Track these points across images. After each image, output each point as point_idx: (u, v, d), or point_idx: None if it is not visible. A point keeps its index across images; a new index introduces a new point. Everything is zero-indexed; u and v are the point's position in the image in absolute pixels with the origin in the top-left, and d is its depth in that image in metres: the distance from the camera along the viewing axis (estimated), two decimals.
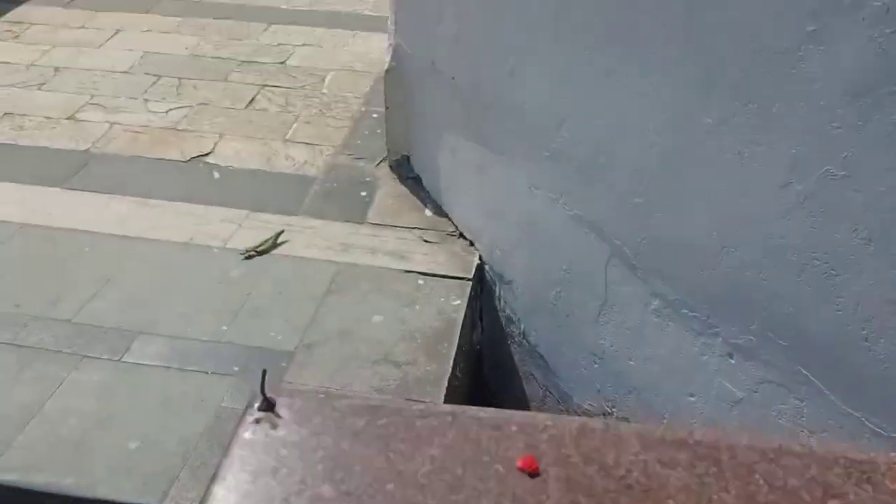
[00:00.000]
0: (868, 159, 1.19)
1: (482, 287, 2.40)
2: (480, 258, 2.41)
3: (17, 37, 3.79)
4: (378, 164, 2.91)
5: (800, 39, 1.25)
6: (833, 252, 1.28)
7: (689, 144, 1.53)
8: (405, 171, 2.85)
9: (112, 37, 3.79)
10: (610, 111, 1.74)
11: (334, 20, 4.05)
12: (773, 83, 1.31)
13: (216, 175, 2.83)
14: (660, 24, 1.52)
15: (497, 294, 2.36)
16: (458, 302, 2.25)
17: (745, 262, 1.46)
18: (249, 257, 2.41)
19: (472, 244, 2.47)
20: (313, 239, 2.50)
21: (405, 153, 2.87)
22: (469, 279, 2.34)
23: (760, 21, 1.30)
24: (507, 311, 2.32)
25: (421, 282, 2.33)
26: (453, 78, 2.38)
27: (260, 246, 2.44)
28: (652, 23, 1.54)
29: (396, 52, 2.69)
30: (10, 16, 3.99)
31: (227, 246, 2.46)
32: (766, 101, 1.34)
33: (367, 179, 2.83)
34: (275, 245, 2.46)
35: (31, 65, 3.52)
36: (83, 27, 3.89)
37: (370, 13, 4.12)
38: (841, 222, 1.26)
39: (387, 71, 2.77)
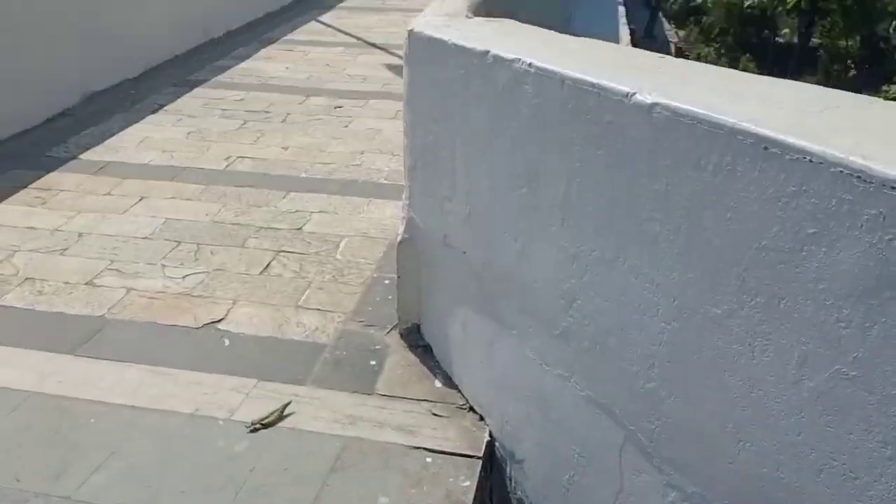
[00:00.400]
0: (878, 361, 1.19)
1: (492, 465, 2.34)
2: (490, 434, 2.37)
3: (45, 202, 3.94)
4: (388, 331, 2.93)
5: (801, 240, 1.29)
6: (851, 453, 1.26)
7: (698, 333, 1.54)
8: (415, 340, 2.86)
9: (136, 203, 3.94)
10: (618, 295, 1.77)
11: (350, 188, 4.20)
12: (779, 280, 1.34)
13: (227, 342, 2.84)
14: (662, 218, 1.57)
15: (508, 473, 2.30)
16: (468, 483, 2.19)
17: (763, 457, 1.43)
18: (255, 430, 2.38)
19: (482, 419, 2.44)
20: (320, 411, 2.48)
21: (416, 322, 2.89)
22: (479, 457, 2.28)
23: (761, 220, 1.35)
24: (519, 493, 2.25)
25: (429, 459, 2.27)
26: (464, 253, 2.44)
27: (266, 418, 2.41)
28: (654, 215, 1.59)
29: (409, 225, 2.78)
30: (40, 182, 4.17)
31: (234, 417, 2.43)
32: (772, 296, 1.36)
33: (377, 347, 2.83)
34: (281, 417, 2.43)
35: (56, 230, 3.64)
36: (109, 194, 4.05)
37: (385, 181, 4.28)
38: (856, 423, 1.24)
39: (400, 242, 2.85)
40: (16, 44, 4.89)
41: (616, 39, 7.67)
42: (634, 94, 1.56)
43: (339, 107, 5.49)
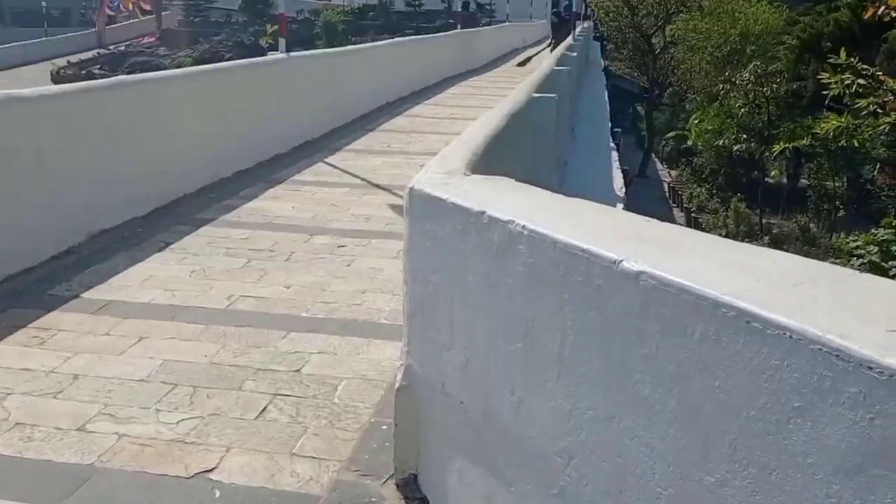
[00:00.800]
0: None
1: None
2: None
3: (42, 343, 3.94)
4: (384, 482, 2.86)
5: (788, 413, 1.30)
6: None
7: (694, 501, 1.52)
8: (412, 492, 2.79)
9: (134, 344, 3.94)
10: (615, 455, 1.76)
11: (350, 328, 4.22)
12: (768, 451, 1.34)
13: (217, 494, 2.78)
14: (653, 381, 1.59)
15: None
16: None
17: None
18: None
19: None
20: None
21: (413, 472, 2.84)
22: None
23: (748, 390, 1.37)
24: None
25: None
26: (462, 402, 2.44)
27: None
28: (646, 378, 1.62)
29: (408, 372, 2.79)
30: (40, 321, 4.17)
31: None
32: (763, 467, 1.36)
33: (373, 500, 2.76)
34: None
35: (51, 371, 3.62)
36: (108, 334, 4.06)
37: (385, 321, 4.30)
38: None
39: (398, 389, 2.84)
40: (24, 185, 5.04)
41: (609, 181, 7.95)
42: (622, 261, 1.63)
43: (343, 246, 5.60)
